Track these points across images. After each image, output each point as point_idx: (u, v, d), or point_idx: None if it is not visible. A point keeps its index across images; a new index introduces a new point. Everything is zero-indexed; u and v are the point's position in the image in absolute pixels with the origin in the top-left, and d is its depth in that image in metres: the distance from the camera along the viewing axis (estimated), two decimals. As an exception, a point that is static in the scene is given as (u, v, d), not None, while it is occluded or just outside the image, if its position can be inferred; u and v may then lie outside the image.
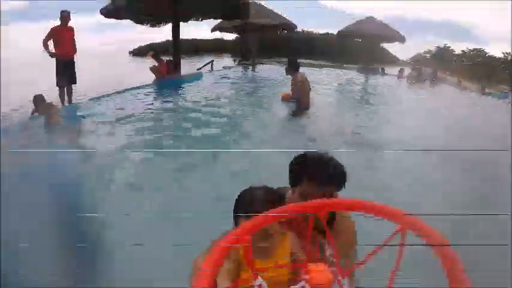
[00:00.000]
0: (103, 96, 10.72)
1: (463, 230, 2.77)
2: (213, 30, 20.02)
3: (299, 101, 7.87)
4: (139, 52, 30.69)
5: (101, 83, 11.64)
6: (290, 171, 1.93)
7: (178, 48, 14.76)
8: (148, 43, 31.27)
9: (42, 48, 9.66)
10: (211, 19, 16.18)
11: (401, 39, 21.75)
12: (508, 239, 2.86)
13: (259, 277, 0.80)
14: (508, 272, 2.42)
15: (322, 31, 32.62)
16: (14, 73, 11.20)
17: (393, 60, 27.18)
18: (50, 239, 3.05)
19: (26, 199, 3.58)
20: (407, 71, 20.29)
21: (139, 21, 16.01)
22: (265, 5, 19.50)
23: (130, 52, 32.39)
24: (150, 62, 13.80)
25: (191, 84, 13.08)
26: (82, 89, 10.60)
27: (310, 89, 8.09)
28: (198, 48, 28.93)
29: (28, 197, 3.61)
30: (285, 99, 8.42)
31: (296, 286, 0.97)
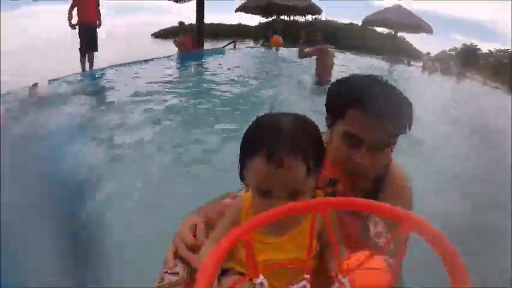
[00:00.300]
0: (124, 64, 10.82)
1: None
2: (237, 10, 19.84)
3: (321, 75, 8.33)
4: (161, 34, 30.81)
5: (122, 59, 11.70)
6: (328, 104, 1.50)
7: (202, 23, 14.86)
8: (170, 26, 31.42)
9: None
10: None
11: (429, 30, 21.34)
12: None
13: (260, 275, 0.74)
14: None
15: (345, 21, 32.04)
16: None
17: (417, 54, 26.65)
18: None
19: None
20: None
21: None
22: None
23: (152, 34, 32.42)
24: (171, 43, 14.01)
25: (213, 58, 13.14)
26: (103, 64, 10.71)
27: (333, 64, 8.46)
28: (220, 32, 28.87)
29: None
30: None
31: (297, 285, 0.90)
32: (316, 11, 20.59)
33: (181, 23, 13.80)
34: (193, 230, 1.46)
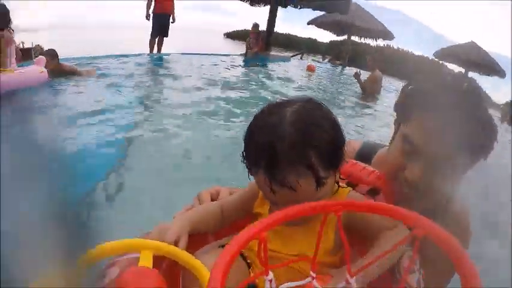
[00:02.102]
0: (190, 53, 11.14)
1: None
2: (310, 23, 19.81)
3: (367, 93, 8.97)
4: (232, 35, 31.33)
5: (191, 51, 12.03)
6: (396, 104, 1.30)
7: (272, 28, 15.08)
8: (242, 29, 31.89)
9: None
10: (310, 8, 16.13)
11: (502, 74, 20.58)
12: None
13: (270, 272, 0.68)
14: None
15: (417, 52, 31.47)
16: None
17: (486, 98, 25.82)
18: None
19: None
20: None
21: (240, -4, 16.39)
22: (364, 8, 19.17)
23: (224, 34, 32.98)
24: (241, 44, 14.22)
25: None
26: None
27: (381, 87, 9.28)
28: (291, 43, 28.96)
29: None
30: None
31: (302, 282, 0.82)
32: (389, 36, 20.35)
33: (256, 25, 14.07)
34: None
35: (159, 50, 10.74)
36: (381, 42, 22.99)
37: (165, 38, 10.75)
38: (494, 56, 20.83)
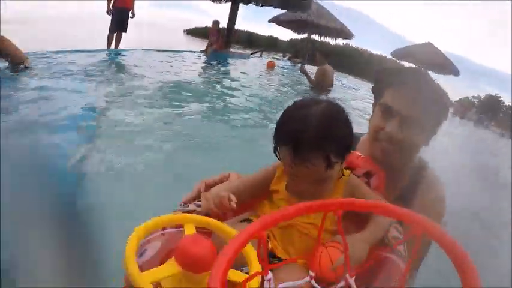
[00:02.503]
0: (150, 49, 11.00)
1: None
2: (271, 21, 19.85)
3: (317, 86, 9.16)
4: (193, 32, 31.12)
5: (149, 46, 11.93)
6: (373, 88, 1.68)
7: (232, 26, 15.07)
8: (203, 26, 31.73)
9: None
10: (271, 7, 16.13)
11: (456, 73, 21.19)
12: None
13: (269, 272, 0.75)
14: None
15: (375, 51, 32.04)
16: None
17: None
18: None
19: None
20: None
21: (201, -7, 16.33)
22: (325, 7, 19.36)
23: (184, 30, 32.72)
24: (201, 41, 14.16)
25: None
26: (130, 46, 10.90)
27: (332, 80, 9.49)
28: (252, 41, 29.02)
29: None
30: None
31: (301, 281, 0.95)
32: (348, 35, 20.61)
33: (216, 22, 14.02)
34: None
35: (116, 45, 10.53)
36: (340, 41, 23.33)
37: (123, 34, 10.55)
38: (452, 57, 21.47)
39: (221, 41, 14.22)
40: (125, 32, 10.53)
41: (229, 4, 15.44)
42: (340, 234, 0.89)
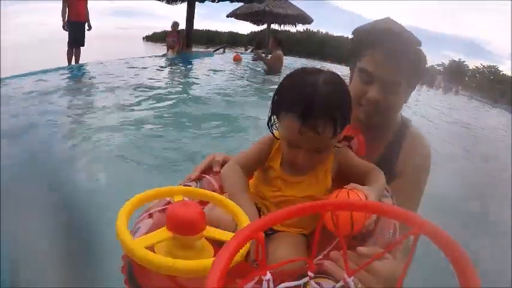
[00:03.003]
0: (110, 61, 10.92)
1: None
2: (229, 16, 19.83)
3: (272, 70, 10.12)
4: (152, 38, 30.88)
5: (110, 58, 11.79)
6: (351, 49, 1.68)
7: (191, 25, 15.00)
8: (161, 30, 31.53)
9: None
10: (227, 1, 16.08)
11: (418, 43, 21.47)
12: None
13: (268, 273, 0.75)
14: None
15: (336, 33, 32.23)
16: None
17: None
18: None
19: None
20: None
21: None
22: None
23: (143, 38, 32.45)
24: (161, 46, 14.10)
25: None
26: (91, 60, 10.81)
27: (282, 64, 10.30)
28: (212, 39, 28.92)
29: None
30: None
31: (300, 282, 0.90)
32: (307, 20, 20.70)
33: (175, 23, 13.92)
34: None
35: (76, 61, 10.38)
36: (300, 27, 23.45)
37: (82, 48, 10.41)
38: (413, 29, 21.73)
39: (182, 42, 14.24)
40: (83, 45, 10.40)
41: (185, 5, 15.34)
42: (338, 236, 0.84)
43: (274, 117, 1.27)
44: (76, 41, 10.20)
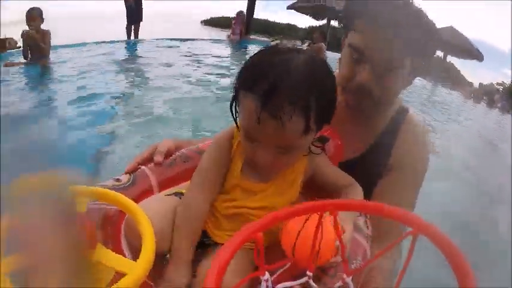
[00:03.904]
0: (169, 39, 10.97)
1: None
2: (289, 7, 19.71)
3: None
4: (210, 22, 31.06)
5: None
6: (341, 17, 1.42)
7: (251, 15, 15.15)
8: (220, 16, 31.72)
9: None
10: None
11: (480, 58, 20.82)
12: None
13: (266, 273, 0.72)
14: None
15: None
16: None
17: (464, 83, 25.92)
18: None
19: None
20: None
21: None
22: (345, -6, 19.11)
23: (202, 21, 32.66)
24: (218, 31, 14.49)
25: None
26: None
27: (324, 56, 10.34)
28: (270, 29, 28.82)
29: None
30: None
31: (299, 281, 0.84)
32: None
33: (240, 12, 14.31)
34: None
35: (136, 36, 10.64)
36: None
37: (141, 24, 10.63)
38: (476, 42, 21.18)
39: (244, 29, 14.72)
40: (141, 20, 10.65)
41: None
42: (338, 237, 0.79)
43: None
44: (134, 17, 10.42)
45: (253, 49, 12.88)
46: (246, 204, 1.09)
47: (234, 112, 1.04)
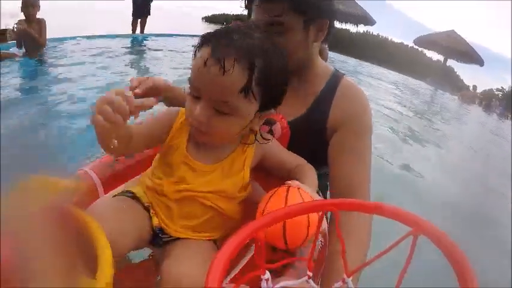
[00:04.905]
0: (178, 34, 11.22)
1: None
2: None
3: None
4: (211, 19, 31.03)
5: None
6: None
7: (250, 15, 15.03)
8: (221, 13, 31.64)
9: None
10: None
11: (480, 62, 20.92)
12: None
13: (267, 272, 0.69)
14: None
15: (397, 40, 31.53)
16: None
17: (463, 87, 25.97)
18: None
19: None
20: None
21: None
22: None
23: (203, 18, 32.59)
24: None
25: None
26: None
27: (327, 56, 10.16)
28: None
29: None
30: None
31: (298, 281, 0.81)
32: (370, 21, 20.38)
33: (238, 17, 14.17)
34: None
35: (142, 30, 10.56)
36: (361, 28, 23.09)
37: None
38: (477, 48, 21.19)
39: None
40: (149, 14, 10.41)
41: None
42: (338, 236, 0.77)
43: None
44: (140, 11, 10.25)
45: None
46: (195, 188, 1.08)
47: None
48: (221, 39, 0.96)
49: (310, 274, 0.80)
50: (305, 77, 1.46)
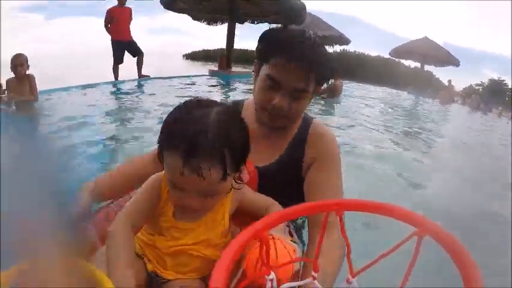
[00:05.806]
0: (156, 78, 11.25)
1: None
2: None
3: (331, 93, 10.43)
4: (191, 56, 31.31)
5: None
6: (256, 50, 1.58)
7: (231, 46, 15.17)
8: (202, 49, 31.92)
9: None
10: (266, 23, 16.24)
11: (456, 63, 21.28)
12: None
13: (271, 272, 0.73)
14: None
15: (373, 53, 31.78)
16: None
17: (441, 87, 26.22)
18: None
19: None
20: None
21: (196, 18, 16.55)
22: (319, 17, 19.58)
23: (183, 55, 32.88)
24: (200, 64, 14.19)
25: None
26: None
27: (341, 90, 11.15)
28: (251, 58, 29.03)
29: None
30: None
31: (303, 282, 0.87)
32: (345, 41, 20.77)
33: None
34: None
35: (139, 69, 10.90)
36: (337, 48, 23.45)
37: (121, 65, 10.68)
38: (452, 48, 21.47)
39: (221, 61, 14.85)
40: (121, 63, 10.66)
41: (224, 26, 15.62)
42: (343, 236, 0.80)
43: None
44: (121, 59, 10.53)
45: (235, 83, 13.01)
46: (184, 242, 1.19)
47: (162, 161, 1.12)
48: (188, 141, 1.00)
49: (315, 275, 0.82)
50: (286, 128, 1.67)
